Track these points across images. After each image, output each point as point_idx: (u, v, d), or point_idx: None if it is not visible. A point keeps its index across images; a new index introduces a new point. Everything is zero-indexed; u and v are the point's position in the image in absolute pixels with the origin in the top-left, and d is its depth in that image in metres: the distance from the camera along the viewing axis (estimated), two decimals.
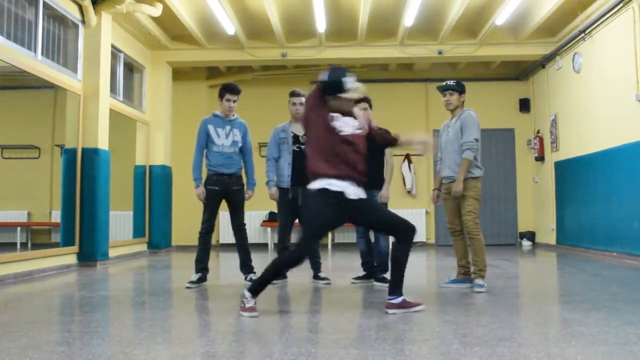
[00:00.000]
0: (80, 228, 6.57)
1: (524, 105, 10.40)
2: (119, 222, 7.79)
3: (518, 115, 10.46)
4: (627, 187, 6.82)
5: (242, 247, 4.94)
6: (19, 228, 7.14)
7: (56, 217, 6.76)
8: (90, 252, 6.58)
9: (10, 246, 7.02)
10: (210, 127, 4.86)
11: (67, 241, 6.49)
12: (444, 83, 4.64)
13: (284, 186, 4.90)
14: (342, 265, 6.82)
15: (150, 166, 8.86)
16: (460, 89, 4.57)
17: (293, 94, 4.96)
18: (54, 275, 5.74)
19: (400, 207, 10.00)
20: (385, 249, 4.74)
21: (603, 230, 7.45)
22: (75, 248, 6.51)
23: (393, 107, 10.33)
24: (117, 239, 7.61)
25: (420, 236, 10.18)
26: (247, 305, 3.31)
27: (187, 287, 4.61)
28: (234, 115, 4.97)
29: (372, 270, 4.92)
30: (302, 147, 4.74)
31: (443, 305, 3.76)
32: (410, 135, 3.86)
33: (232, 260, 4.85)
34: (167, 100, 9.31)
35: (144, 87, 8.96)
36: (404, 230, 3.40)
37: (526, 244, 10.01)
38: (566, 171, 8.78)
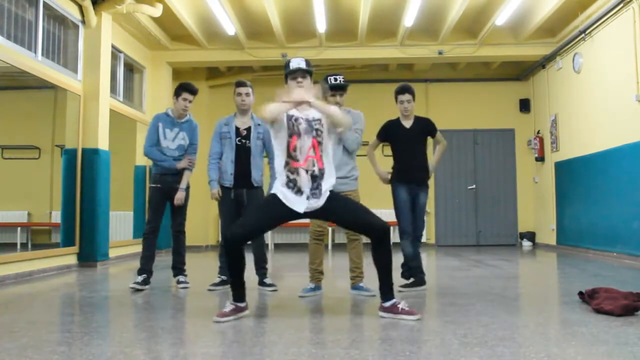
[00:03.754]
0: (81, 228, 6.58)
1: (524, 105, 10.40)
2: (119, 222, 7.79)
3: (518, 116, 10.46)
4: (627, 187, 6.82)
5: (176, 250, 4.76)
6: (19, 228, 7.14)
7: (56, 217, 6.77)
8: (91, 253, 6.59)
9: (11, 246, 7.02)
10: (160, 126, 4.66)
11: (68, 241, 6.50)
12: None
13: (227, 185, 4.51)
14: (342, 266, 6.80)
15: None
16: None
17: (238, 84, 4.56)
18: (54, 276, 5.75)
19: None
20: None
21: (603, 230, 7.45)
22: (75, 248, 6.52)
23: (393, 108, 10.31)
24: (117, 239, 7.61)
25: None
26: (221, 310, 3.25)
27: (132, 288, 4.45)
28: (187, 116, 4.75)
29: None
30: (244, 140, 4.51)
31: (443, 305, 3.76)
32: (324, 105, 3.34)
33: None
34: (167, 100, 9.30)
35: (144, 87, 8.97)
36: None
37: (526, 244, 10.01)
38: (566, 171, 8.78)
